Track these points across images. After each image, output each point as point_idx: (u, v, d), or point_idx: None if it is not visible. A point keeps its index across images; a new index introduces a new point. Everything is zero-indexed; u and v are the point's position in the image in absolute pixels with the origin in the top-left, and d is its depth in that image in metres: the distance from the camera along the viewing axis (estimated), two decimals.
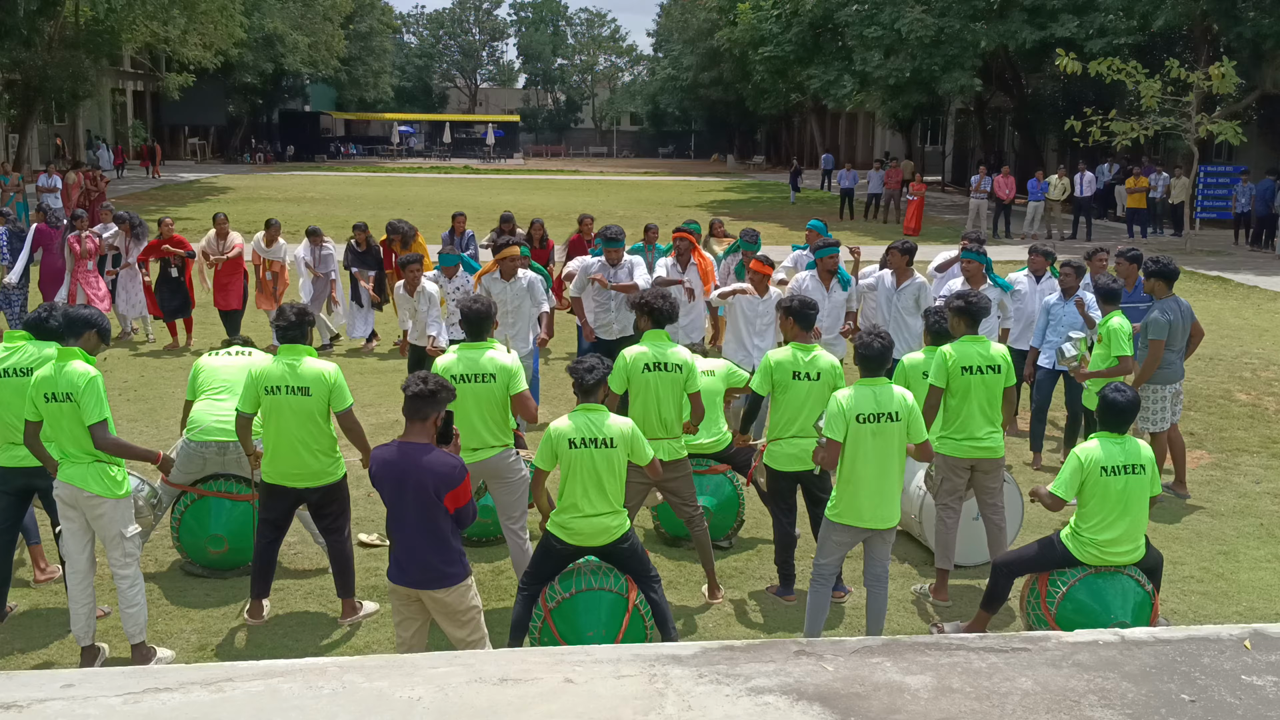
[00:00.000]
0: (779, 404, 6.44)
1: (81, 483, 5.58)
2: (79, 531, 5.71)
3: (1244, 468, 9.29)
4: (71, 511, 5.67)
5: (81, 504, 5.62)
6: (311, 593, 6.72)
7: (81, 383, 5.51)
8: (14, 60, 27.96)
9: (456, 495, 4.83)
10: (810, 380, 6.36)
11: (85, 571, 5.74)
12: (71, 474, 5.60)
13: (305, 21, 52.17)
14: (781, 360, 6.41)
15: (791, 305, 6.61)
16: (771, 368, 6.41)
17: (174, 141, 55.01)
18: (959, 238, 10.70)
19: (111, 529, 5.66)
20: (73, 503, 5.63)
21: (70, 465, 5.61)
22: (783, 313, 6.73)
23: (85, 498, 5.59)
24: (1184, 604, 6.70)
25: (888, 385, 5.69)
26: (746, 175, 54.34)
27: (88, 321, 5.82)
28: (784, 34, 34.31)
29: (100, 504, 5.61)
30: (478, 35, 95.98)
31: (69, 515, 5.68)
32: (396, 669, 3.37)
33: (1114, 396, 5.64)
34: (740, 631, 6.33)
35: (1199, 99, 22.44)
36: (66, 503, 5.65)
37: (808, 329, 6.56)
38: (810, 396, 6.34)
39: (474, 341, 6.28)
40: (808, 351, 6.42)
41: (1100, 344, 8.06)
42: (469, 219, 13.97)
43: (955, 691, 3.31)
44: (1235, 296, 17.99)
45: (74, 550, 5.72)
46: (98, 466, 5.61)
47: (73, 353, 5.64)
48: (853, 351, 5.90)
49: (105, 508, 5.62)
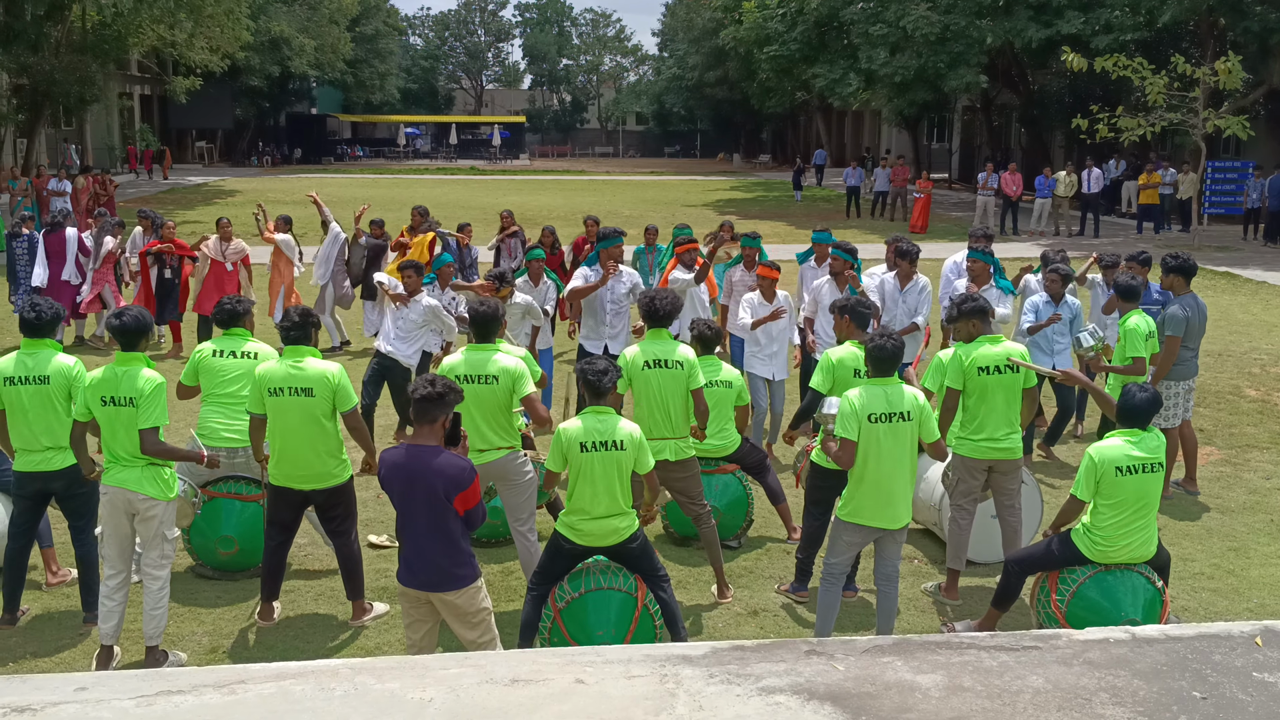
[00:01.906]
0: None
1: (136, 486, 5.63)
2: (124, 537, 5.76)
3: (1254, 464, 9.26)
4: (119, 516, 5.70)
5: (136, 506, 5.66)
6: (322, 594, 6.73)
7: (148, 388, 5.58)
8: (21, 65, 28.01)
9: (466, 497, 4.84)
10: None
11: (127, 574, 5.79)
12: (125, 478, 5.64)
13: (311, 24, 52.23)
14: (843, 358, 6.40)
15: (848, 305, 6.67)
16: (833, 365, 6.39)
17: (181, 145, 55.11)
18: (966, 235, 10.69)
19: (158, 530, 5.71)
20: (123, 506, 5.67)
21: (122, 469, 5.65)
22: (838, 312, 6.79)
23: (139, 500, 5.64)
24: (1194, 601, 6.69)
25: (899, 385, 5.68)
26: (752, 174, 54.29)
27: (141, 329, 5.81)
28: (789, 32, 34.28)
29: (154, 506, 5.67)
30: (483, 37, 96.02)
31: (116, 520, 5.72)
32: (408, 670, 3.38)
33: (1134, 394, 5.62)
34: (750, 631, 6.32)
35: (1206, 94, 22.37)
36: (116, 507, 5.69)
37: (864, 327, 6.56)
38: None
39: (481, 344, 6.29)
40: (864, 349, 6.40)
41: (1119, 342, 7.98)
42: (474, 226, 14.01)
43: (966, 690, 3.31)
44: (1244, 292, 17.94)
45: (115, 554, 5.77)
46: (152, 469, 5.67)
47: (137, 358, 5.69)
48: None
49: (158, 509, 5.69)
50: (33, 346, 6.06)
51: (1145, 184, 25.95)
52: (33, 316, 6.04)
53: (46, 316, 6.06)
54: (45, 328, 6.07)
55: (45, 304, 6.13)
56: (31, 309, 6.06)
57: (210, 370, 6.90)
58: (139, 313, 5.81)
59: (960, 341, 6.78)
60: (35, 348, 6.05)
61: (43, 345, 6.06)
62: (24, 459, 6.06)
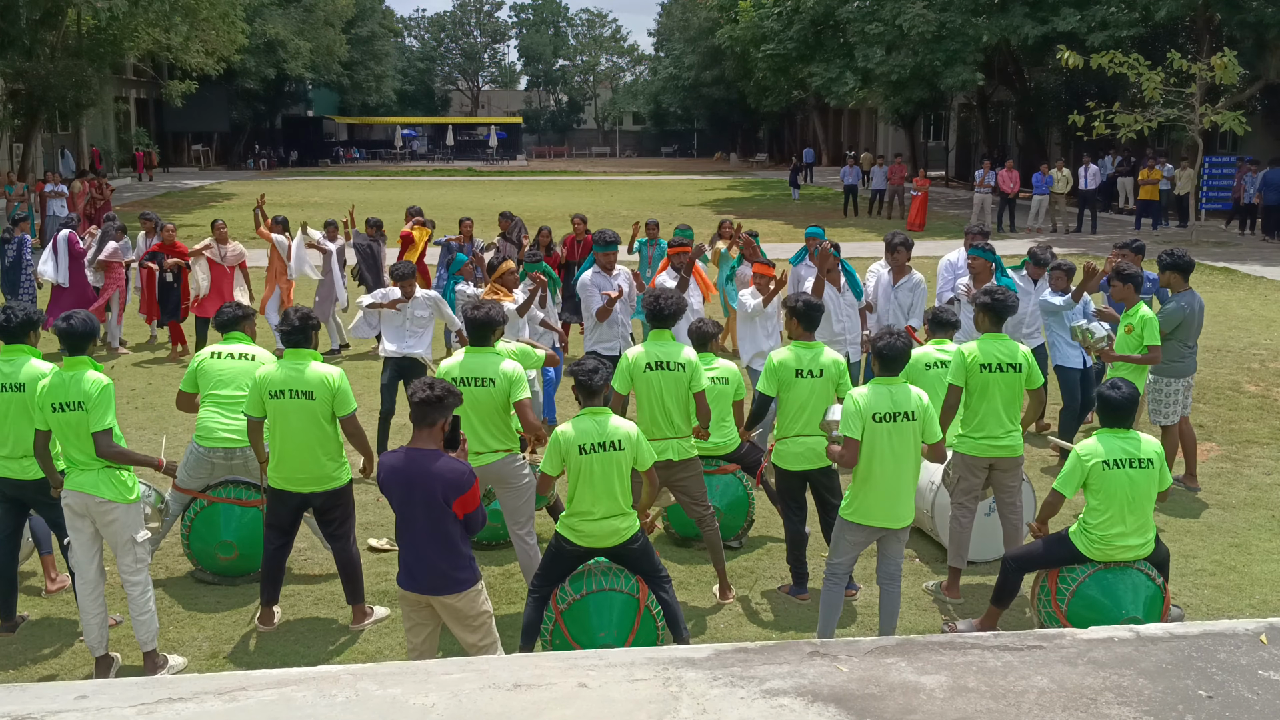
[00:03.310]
0: (784, 403, 6.44)
1: (93, 489, 5.57)
2: (88, 541, 5.70)
3: (1254, 459, 9.25)
4: (80, 521, 5.66)
5: (92, 510, 5.61)
6: (322, 598, 6.72)
7: (94, 390, 5.52)
8: (17, 70, 27.96)
9: (465, 501, 4.82)
10: (814, 378, 6.35)
11: (95, 581, 5.72)
12: (81, 481, 5.59)
13: (306, 27, 52.19)
14: (784, 360, 6.41)
15: (796, 306, 6.60)
16: (775, 367, 6.41)
17: (178, 148, 55.06)
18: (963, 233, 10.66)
19: (123, 534, 5.65)
20: (83, 511, 5.62)
21: (79, 473, 5.60)
22: (788, 312, 6.72)
23: (96, 504, 5.58)
24: (1197, 598, 6.68)
25: (904, 384, 5.68)
26: (750, 173, 54.30)
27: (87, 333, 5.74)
28: (785, 31, 34.29)
29: (112, 509, 5.61)
30: (479, 38, 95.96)
31: (78, 525, 5.67)
32: (410, 676, 3.36)
33: (1110, 393, 5.64)
34: (752, 631, 6.31)
35: (1202, 89, 22.37)
36: (76, 511, 5.64)
37: (811, 329, 6.55)
38: (814, 394, 6.34)
39: (478, 347, 6.28)
40: (810, 350, 6.41)
41: (1130, 334, 7.94)
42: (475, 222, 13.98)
43: (971, 691, 3.30)
44: (1242, 287, 17.94)
45: (83, 560, 5.71)
46: (107, 472, 5.61)
47: (82, 361, 5.63)
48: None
49: (117, 513, 5.62)
50: (10, 353, 6.00)
51: (1145, 180, 25.95)
52: (2, 320, 5.99)
53: (16, 320, 5.99)
54: (16, 332, 6.00)
55: (17, 308, 6.08)
56: (2, 313, 6.03)
57: (208, 372, 6.89)
58: (86, 316, 5.76)
59: (944, 338, 6.94)
60: (12, 354, 6.00)
61: (20, 352, 6.00)
62: (2, 465, 6.01)
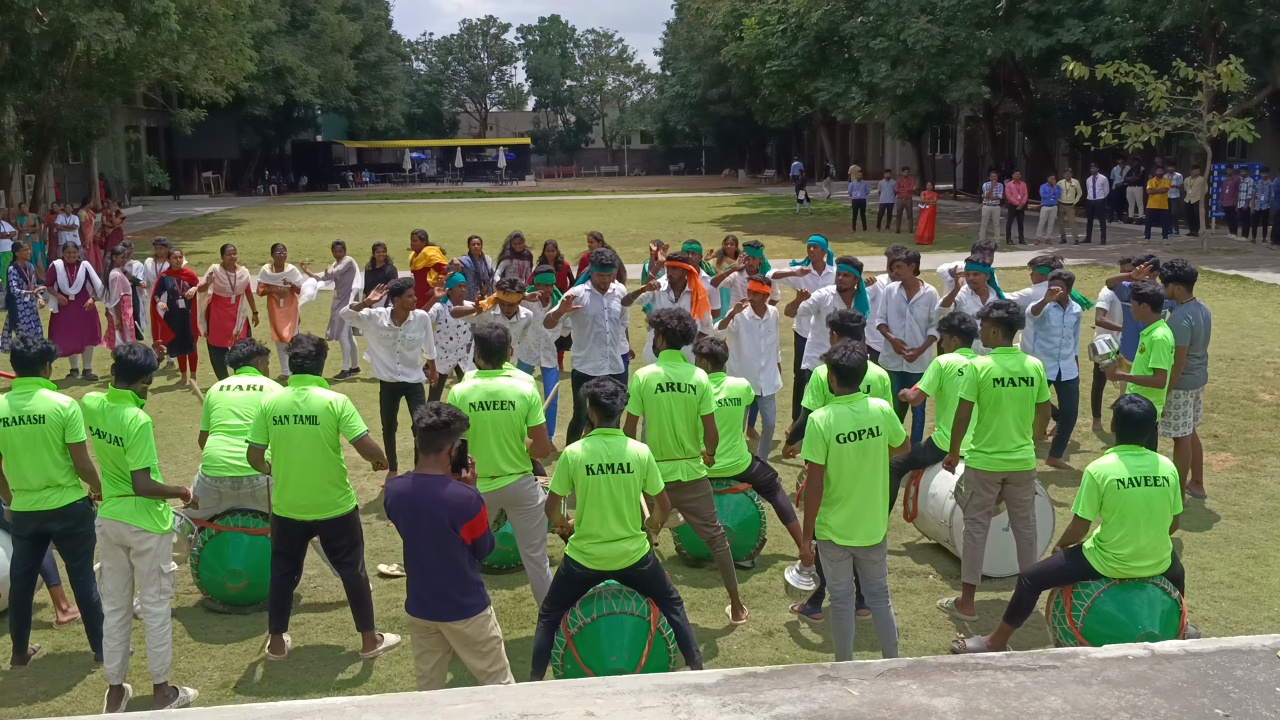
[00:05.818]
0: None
1: (130, 518, 5.63)
2: (121, 570, 5.76)
3: (1270, 469, 9.17)
4: (114, 550, 5.71)
5: (128, 539, 5.66)
6: (332, 626, 6.69)
7: (134, 429, 5.60)
8: (28, 101, 28.20)
9: (473, 527, 4.80)
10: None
11: (127, 609, 5.79)
12: (119, 510, 5.65)
13: (314, 53, 52.52)
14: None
15: (834, 319, 6.74)
16: (823, 383, 6.36)
17: (188, 176, 55.39)
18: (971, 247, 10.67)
19: (154, 564, 5.71)
20: (117, 539, 5.68)
21: (116, 502, 5.67)
22: (830, 326, 6.87)
23: (132, 533, 5.64)
24: (1214, 610, 6.60)
25: (863, 399, 5.63)
26: (758, 189, 54.34)
27: (142, 368, 5.82)
28: (790, 48, 34.34)
29: (147, 539, 5.67)
30: (486, 60, 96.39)
31: (111, 554, 5.72)
32: (416, 708, 3.34)
33: (1130, 408, 5.57)
34: (765, 652, 6.26)
35: (1210, 98, 22.31)
36: (110, 540, 5.70)
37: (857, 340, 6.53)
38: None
39: (490, 369, 6.25)
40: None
41: (1141, 353, 7.87)
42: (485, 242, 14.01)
43: (983, 713, 3.25)
44: (1255, 295, 17.84)
45: (115, 589, 5.76)
46: (145, 502, 5.67)
47: (126, 396, 5.71)
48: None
49: (152, 542, 5.69)
50: (24, 386, 6.03)
51: (1153, 189, 25.87)
52: (20, 348, 6.04)
53: (34, 350, 6.03)
54: (34, 361, 6.03)
55: (33, 340, 6.13)
56: (20, 342, 6.09)
57: (217, 404, 7.00)
58: (147, 351, 5.88)
59: (964, 349, 6.90)
60: (26, 387, 6.02)
61: (34, 384, 6.03)
62: (21, 499, 6.04)
